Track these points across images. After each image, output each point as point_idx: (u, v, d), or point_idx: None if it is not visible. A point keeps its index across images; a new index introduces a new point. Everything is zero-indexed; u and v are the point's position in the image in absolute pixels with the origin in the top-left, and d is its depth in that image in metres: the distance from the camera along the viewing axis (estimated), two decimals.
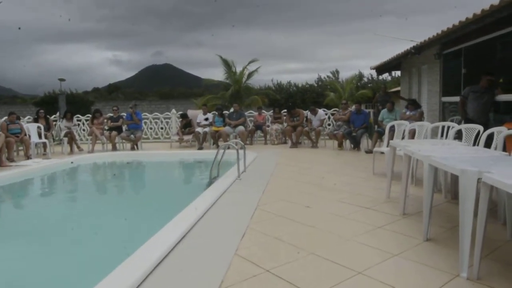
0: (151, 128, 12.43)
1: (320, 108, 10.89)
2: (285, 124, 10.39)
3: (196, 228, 3.21)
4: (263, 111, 11.65)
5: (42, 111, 10.02)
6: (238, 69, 19.96)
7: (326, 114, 11.27)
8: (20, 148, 8.85)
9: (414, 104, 8.03)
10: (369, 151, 7.75)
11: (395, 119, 7.49)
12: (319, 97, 23.37)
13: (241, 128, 9.82)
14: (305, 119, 9.98)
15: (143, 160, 8.95)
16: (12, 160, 7.78)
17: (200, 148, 9.55)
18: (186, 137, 10.16)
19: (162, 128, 12.42)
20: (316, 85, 27.65)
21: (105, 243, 3.51)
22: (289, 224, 3.30)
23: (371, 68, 13.84)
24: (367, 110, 10.62)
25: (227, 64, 19.71)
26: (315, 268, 2.39)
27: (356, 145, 8.78)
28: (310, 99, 23.93)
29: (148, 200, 5.59)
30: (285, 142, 10.39)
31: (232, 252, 2.65)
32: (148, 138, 12.15)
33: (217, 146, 8.98)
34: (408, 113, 7.86)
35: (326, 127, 10.88)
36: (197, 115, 10.60)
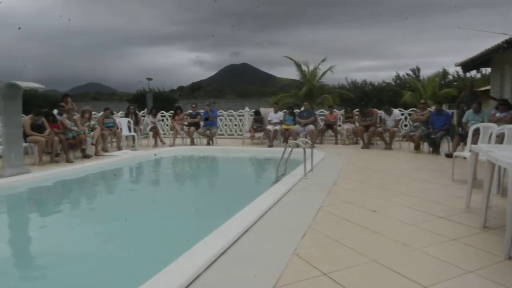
0: (225, 125, 12.87)
1: (396, 108, 10.24)
2: (357, 124, 9.96)
3: (259, 223, 3.23)
4: (335, 110, 11.31)
5: (132, 107, 10.98)
6: (311, 68, 19.69)
7: (402, 114, 10.56)
8: (113, 140, 9.80)
9: (505, 105, 7.09)
10: (449, 155, 7.05)
11: (482, 121, 6.70)
12: (397, 96, 21.93)
13: (311, 126, 9.65)
14: (378, 119, 9.46)
15: (217, 155, 9.29)
16: (106, 151, 8.67)
17: (270, 146, 9.62)
18: (257, 134, 10.31)
19: (235, 125, 12.78)
20: (394, 83, 25.99)
21: (176, 229, 3.72)
22: (352, 228, 3.15)
23: (456, 65, 12.57)
24: (449, 111, 9.68)
25: (297, 65, 19.61)
26: (376, 277, 2.24)
27: (435, 148, 8.07)
28: (386, 98, 22.60)
29: (218, 192, 5.81)
30: (356, 143, 9.97)
31: (291, 251, 2.61)
32: (222, 134, 12.60)
33: (287, 144, 8.96)
34: (498, 114, 6.98)
35: (402, 128, 10.19)
36: (269, 113, 10.68)
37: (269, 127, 9.99)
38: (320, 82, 20.16)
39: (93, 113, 9.42)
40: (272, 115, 10.48)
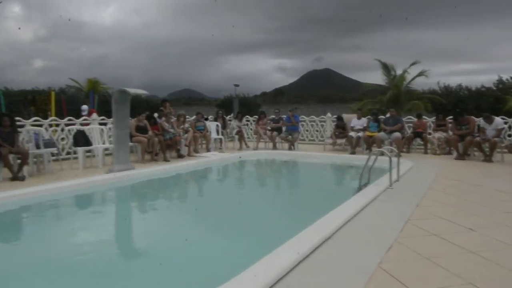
0: (307, 130, 12.80)
1: (498, 116, 9.08)
2: (450, 133, 9.08)
3: (341, 231, 3.15)
4: (425, 117, 10.48)
5: (220, 112, 11.61)
6: (398, 72, 18.50)
7: (506, 123, 9.34)
8: (203, 142, 10.46)
9: None
10: None
11: None
12: (499, 103, 19.38)
13: (397, 134, 9.09)
14: (476, 127, 8.49)
15: (298, 160, 9.30)
16: (197, 152, 9.29)
17: (353, 153, 9.30)
18: (339, 141, 10.06)
19: (317, 131, 12.64)
20: (495, 88, 23.01)
21: (257, 229, 3.82)
22: (444, 246, 2.88)
23: None
24: None
25: (386, 68, 18.53)
26: None
27: None
28: (486, 104, 20.11)
29: (298, 197, 5.81)
30: (449, 153, 9.09)
31: (375, 263, 2.50)
32: (304, 140, 12.55)
33: (370, 152, 8.57)
34: None
35: (505, 138, 9.00)
36: (352, 119, 10.35)
37: (352, 133, 9.68)
38: (408, 87, 18.85)
39: (186, 117, 10.18)
40: (355, 121, 10.13)
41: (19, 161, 6.08)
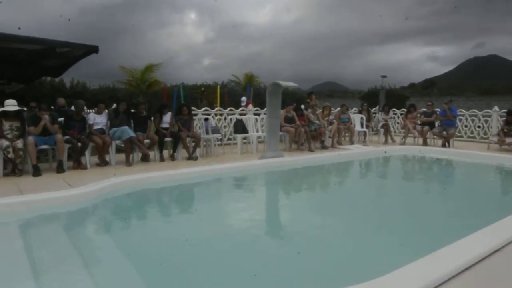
0: (466, 126, 11.04)
1: None
2: None
3: None
4: None
5: (365, 104, 11.11)
6: None
7: None
8: (347, 134, 10.23)
9: None
10: None
11: None
12: None
13: None
14: None
15: (454, 159, 8.13)
16: (340, 144, 9.19)
17: None
18: (509, 140, 8.31)
19: (479, 127, 10.75)
20: None
21: (404, 230, 3.55)
22: None
23: None
24: None
25: None
26: None
27: None
28: None
29: (452, 201, 5.09)
30: None
31: None
32: (461, 136, 10.88)
33: None
34: None
35: None
36: None
37: None
38: None
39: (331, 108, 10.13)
40: None
41: (193, 143, 7.22)
